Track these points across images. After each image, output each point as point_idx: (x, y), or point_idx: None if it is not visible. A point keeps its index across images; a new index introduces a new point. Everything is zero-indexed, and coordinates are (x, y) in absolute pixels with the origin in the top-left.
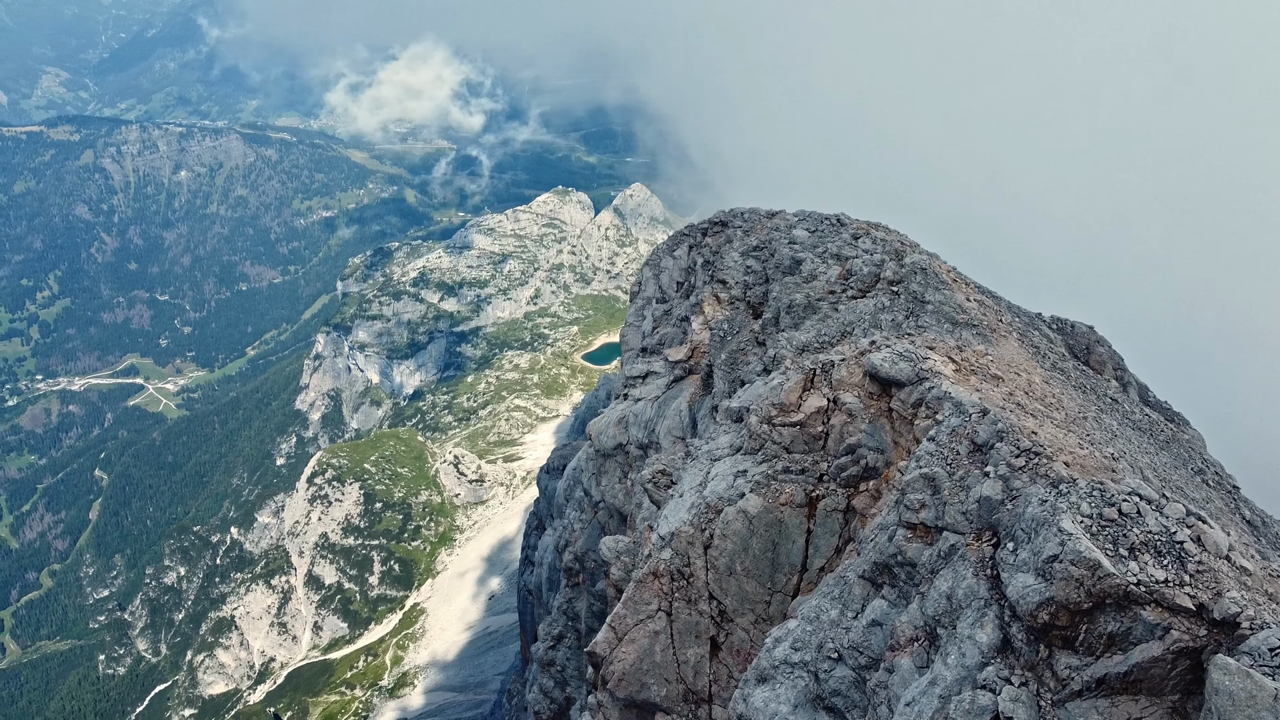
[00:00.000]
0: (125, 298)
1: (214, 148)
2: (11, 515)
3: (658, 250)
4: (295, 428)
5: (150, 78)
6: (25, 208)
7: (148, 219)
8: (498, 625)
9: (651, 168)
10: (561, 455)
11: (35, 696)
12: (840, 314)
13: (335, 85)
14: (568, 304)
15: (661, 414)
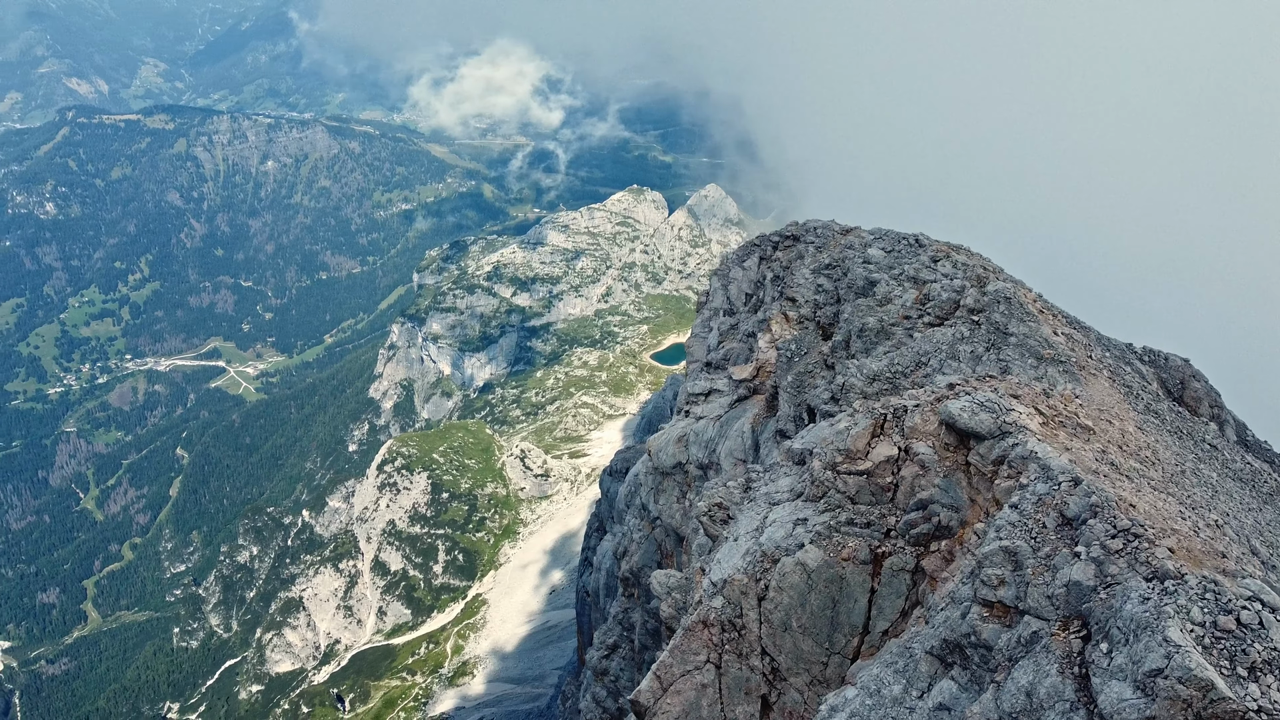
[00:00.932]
0: (211, 283)
1: (300, 139)
2: (98, 489)
3: (727, 260)
4: (368, 415)
5: (242, 70)
6: (121, 193)
7: (235, 207)
8: (557, 620)
9: (727, 168)
10: (624, 458)
11: (114, 664)
12: (915, 342)
13: (418, 80)
14: (638, 303)
15: (723, 434)
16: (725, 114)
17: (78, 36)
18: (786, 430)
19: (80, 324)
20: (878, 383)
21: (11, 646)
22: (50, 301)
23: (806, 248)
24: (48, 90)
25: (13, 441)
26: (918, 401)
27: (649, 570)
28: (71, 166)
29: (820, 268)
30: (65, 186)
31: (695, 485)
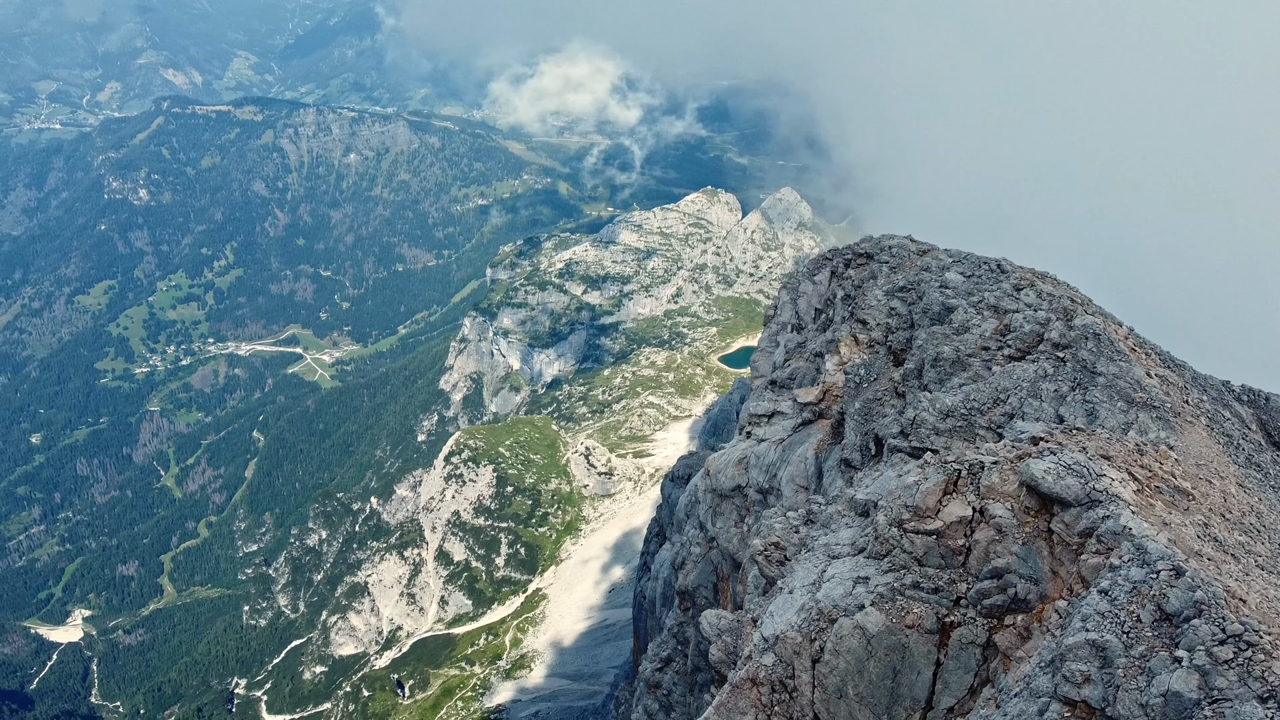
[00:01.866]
0: (292, 271)
1: (382, 133)
2: (178, 467)
3: (797, 273)
4: (437, 406)
5: (329, 64)
6: (210, 182)
7: (317, 198)
8: (615, 619)
9: (802, 171)
10: (687, 465)
11: (186, 637)
12: (993, 376)
13: (498, 76)
14: (708, 305)
15: (785, 459)
16: (803, 117)
17: (175, 29)
18: (852, 460)
19: (167, 307)
20: (951, 419)
21: (92, 615)
22: (140, 284)
23: (880, 267)
24: (145, 80)
25: (100, 418)
26: (996, 458)
27: (704, 590)
28: (165, 155)
29: (894, 289)
30: (158, 174)
31: (754, 510)
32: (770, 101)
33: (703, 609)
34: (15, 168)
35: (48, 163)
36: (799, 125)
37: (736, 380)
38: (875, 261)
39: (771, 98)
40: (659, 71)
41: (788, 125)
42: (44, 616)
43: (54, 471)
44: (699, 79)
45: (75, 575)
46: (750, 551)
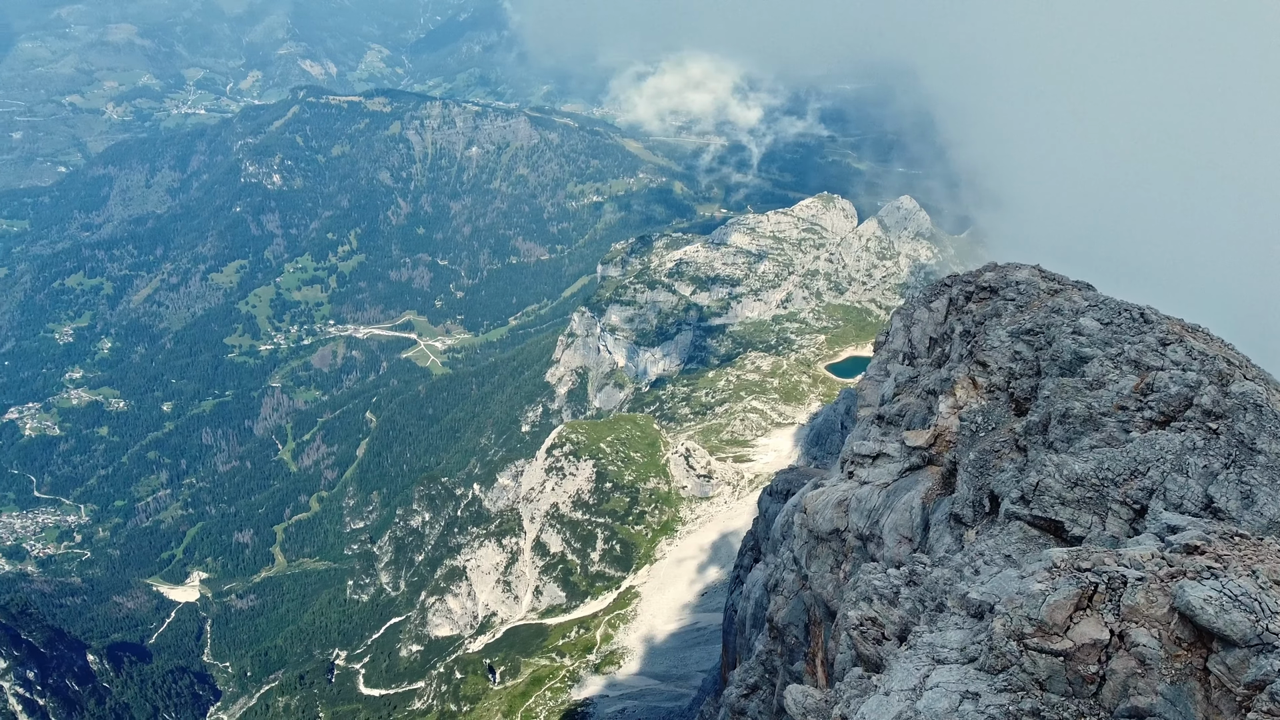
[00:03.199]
0: (411, 259)
1: (503, 128)
2: (294, 442)
3: (912, 299)
4: (543, 399)
5: (457, 58)
6: (339, 169)
7: (438, 189)
8: (707, 622)
9: (922, 180)
10: (786, 480)
11: (293, 606)
12: (1132, 444)
13: (619, 74)
14: (818, 311)
15: (889, 505)
16: (925, 124)
17: (314, 22)
18: (963, 515)
19: (293, 288)
20: (1081, 488)
21: (208, 578)
22: (269, 265)
23: (1005, 304)
24: (284, 70)
25: (226, 391)
26: (1142, 572)
27: (795, 629)
28: (298, 142)
29: (1020, 331)
30: (291, 160)
31: (853, 556)
32: (893, 107)
33: (792, 648)
34: (163, 149)
35: (192, 146)
36: (922, 132)
37: (843, 390)
38: (999, 297)
39: (894, 103)
40: (782, 72)
41: (910, 131)
42: (165, 576)
43: (181, 439)
44: (822, 82)
45: (195, 539)
46: (845, 623)
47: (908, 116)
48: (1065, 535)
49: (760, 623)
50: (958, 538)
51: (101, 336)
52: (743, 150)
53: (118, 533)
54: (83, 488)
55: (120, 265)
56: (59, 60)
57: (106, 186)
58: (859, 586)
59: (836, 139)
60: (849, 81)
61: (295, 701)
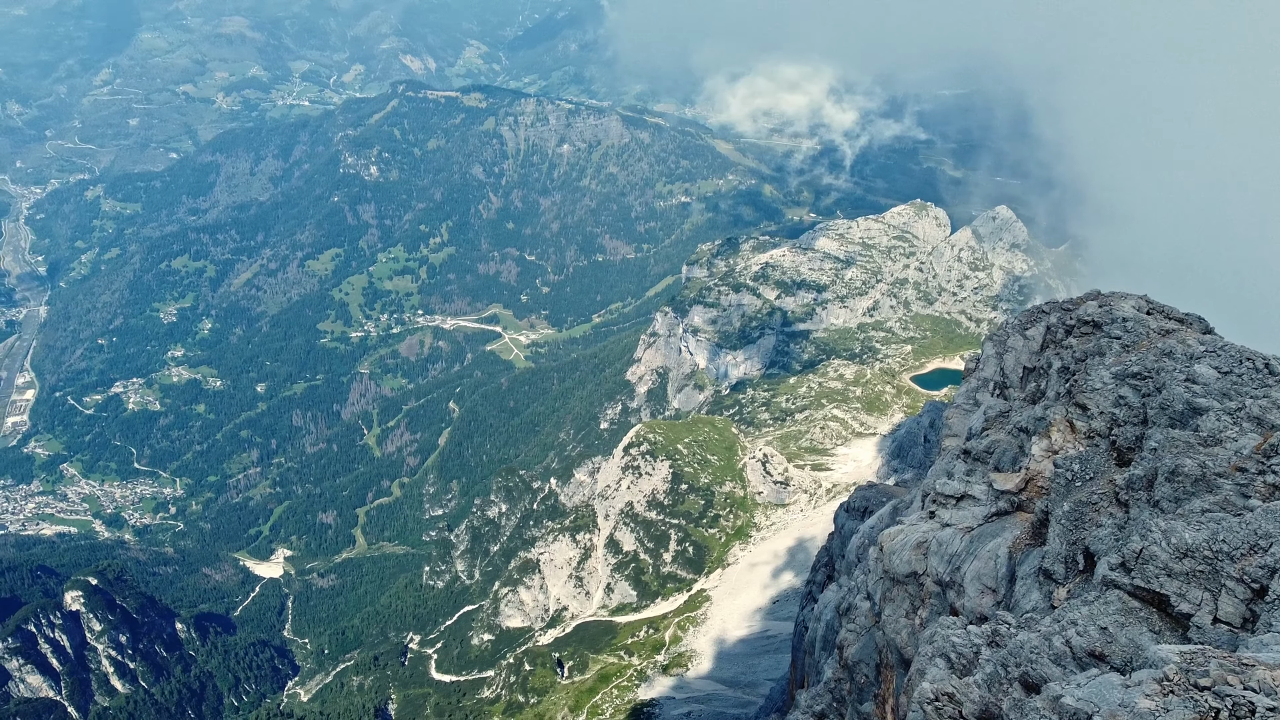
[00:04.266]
0: (499, 253)
1: (595, 126)
2: (379, 428)
3: (1006, 325)
4: (622, 397)
5: (553, 56)
6: (433, 163)
7: (529, 185)
8: (777, 630)
9: (1020, 191)
10: (864, 497)
11: (370, 588)
12: (1252, 514)
13: (713, 75)
14: (905, 321)
15: (973, 551)
16: (1028, 134)
17: (416, 17)
18: (1053, 572)
19: (385, 278)
20: (1190, 560)
21: (292, 556)
22: (363, 255)
23: (1110, 342)
24: (385, 64)
25: (317, 375)
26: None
27: (865, 668)
28: (396, 135)
29: (1125, 373)
30: (388, 153)
31: (930, 603)
32: (993, 114)
33: (862, 686)
34: (268, 139)
35: (295, 136)
36: (1022, 140)
37: (928, 403)
38: (1103, 333)
39: (994, 110)
40: (880, 75)
41: (1009, 139)
42: (252, 551)
43: (273, 420)
44: (920, 86)
45: (282, 517)
46: (919, 692)
47: (1008, 124)
48: (1171, 610)
49: (830, 647)
50: (1046, 595)
51: (203, 317)
52: (835, 154)
53: (209, 507)
54: (179, 462)
55: (223, 249)
56: (175, 51)
57: (214, 173)
58: (936, 641)
59: (932, 145)
60: (948, 86)
61: (369, 682)
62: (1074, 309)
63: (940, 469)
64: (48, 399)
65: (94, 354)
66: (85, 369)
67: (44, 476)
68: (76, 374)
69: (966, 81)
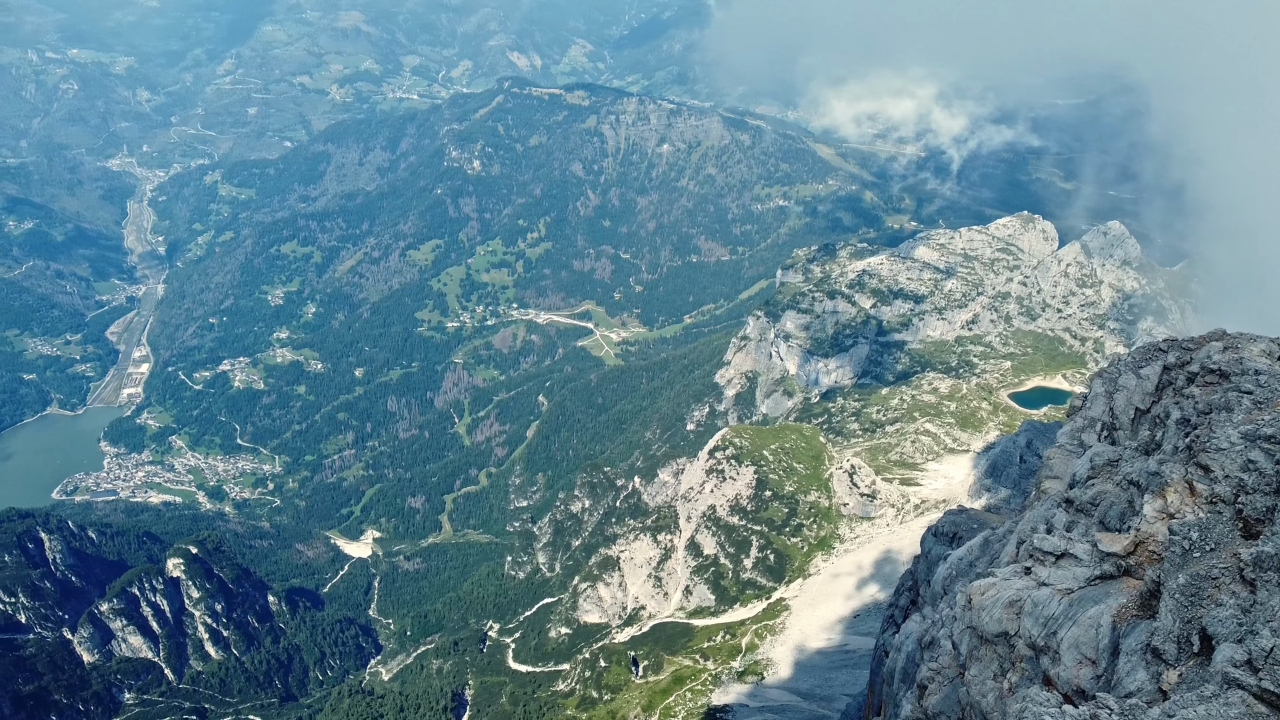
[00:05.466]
0: (594, 250)
1: (696, 126)
2: (470, 417)
3: (1118, 362)
4: (710, 399)
5: (657, 56)
6: (534, 159)
7: (627, 184)
8: (856, 645)
9: (1135, 206)
10: (954, 522)
11: (454, 574)
12: None
13: (818, 78)
14: (1005, 336)
15: (1072, 617)
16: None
17: (523, 15)
18: (1163, 652)
19: (482, 270)
20: None
21: (381, 537)
22: (462, 247)
23: (1238, 397)
24: (493, 61)
25: (412, 362)
26: None
27: (946, 717)
28: (499, 131)
29: (1256, 435)
30: (491, 148)
31: (1020, 667)
32: (1109, 125)
33: None
34: (377, 131)
35: (402, 129)
36: (1140, 153)
37: (1025, 422)
38: (1231, 384)
39: (1111, 121)
40: (992, 82)
41: (1126, 152)
42: (343, 530)
43: (369, 404)
44: (1034, 94)
45: (372, 499)
46: None
47: (1125, 136)
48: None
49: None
50: (1154, 677)
51: (308, 301)
52: (941, 160)
53: (305, 485)
54: (279, 440)
55: (330, 236)
56: (294, 43)
57: (324, 162)
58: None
59: (1043, 154)
60: (1062, 95)
61: (448, 666)
62: (1195, 350)
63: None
64: (161, 373)
65: (205, 332)
66: (196, 346)
67: (154, 447)
68: (188, 350)
69: (1083, 90)
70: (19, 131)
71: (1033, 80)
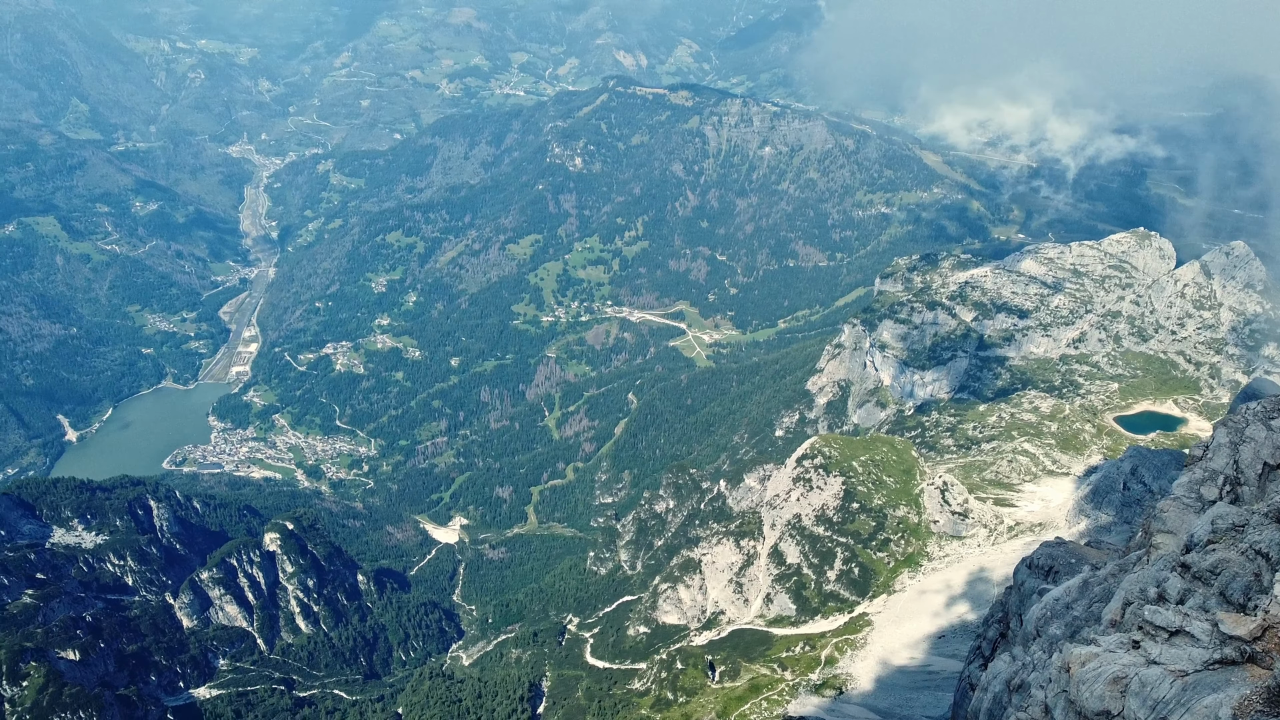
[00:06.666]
0: (691, 251)
1: (799, 130)
2: (560, 411)
3: (1246, 410)
4: (800, 406)
5: (763, 57)
6: (635, 158)
7: (727, 185)
8: (940, 667)
9: (1261, 228)
10: (1051, 555)
11: (536, 565)
12: None
13: (928, 83)
14: (1113, 357)
15: (1185, 704)
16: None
17: (631, 15)
18: None
19: (579, 266)
20: None
21: (468, 524)
22: (560, 242)
23: None
24: (599, 59)
25: (507, 354)
26: None
27: None
28: (602, 129)
29: None
30: (594, 145)
31: None
32: (1238, 141)
33: None
34: (483, 126)
35: (508, 125)
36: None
37: (1131, 447)
38: None
39: (1241, 137)
40: (1113, 91)
41: (1256, 168)
42: (432, 515)
43: (463, 393)
44: (1157, 105)
45: (462, 486)
46: None
47: (1255, 152)
48: None
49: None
50: None
51: (409, 290)
52: (1054, 171)
53: (398, 469)
54: (375, 423)
55: (433, 227)
56: (408, 38)
57: (431, 155)
58: None
59: (1164, 168)
60: (1189, 107)
61: (527, 656)
62: None
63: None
64: (268, 353)
65: (311, 316)
66: (302, 329)
67: (258, 424)
68: (294, 333)
69: (1211, 102)
70: (149, 117)
71: (1158, 90)
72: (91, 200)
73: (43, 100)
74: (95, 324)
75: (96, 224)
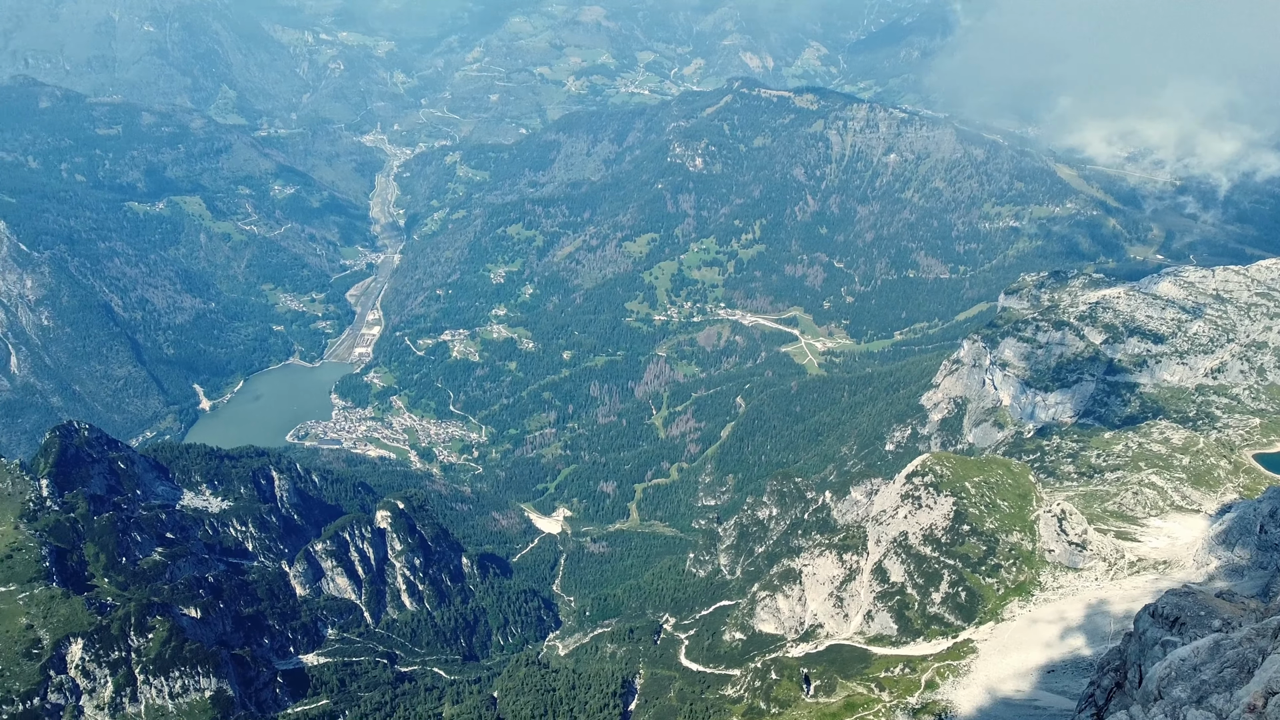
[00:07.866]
0: (808, 256)
1: (926, 137)
2: (667, 410)
3: None
4: (913, 421)
5: (893, 63)
6: (756, 160)
7: (848, 192)
8: (1048, 703)
9: None
10: (1177, 605)
11: (637, 561)
12: None
13: (1066, 93)
14: (1256, 390)
15: None
16: None
17: (759, 16)
18: None
19: (694, 267)
20: None
21: (571, 517)
22: (676, 242)
23: None
24: (725, 60)
25: (618, 351)
26: None
27: None
28: (724, 130)
29: None
30: (715, 146)
31: None
32: None
33: None
34: (606, 123)
35: (630, 123)
36: None
37: (1271, 488)
38: None
39: None
40: (1272, 106)
41: None
42: (537, 505)
43: (573, 387)
44: None
45: (567, 478)
46: None
47: None
48: None
49: None
50: None
51: (526, 283)
52: (1203, 189)
53: (506, 457)
54: (487, 411)
55: (552, 222)
56: (538, 35)
57: (554, 151)
58: None
59: None
60: None
61: (621, 652)
62: None
63: None
64: (389, 336)
65: (431, 303)
66: (422, 315)
67: (376, 404)
68: (415, 318)
69: None
70: (290, 105)
71: None
72: (234, 182)
73: (195, 86)
74: (232, 300)
75: (238, 205)
